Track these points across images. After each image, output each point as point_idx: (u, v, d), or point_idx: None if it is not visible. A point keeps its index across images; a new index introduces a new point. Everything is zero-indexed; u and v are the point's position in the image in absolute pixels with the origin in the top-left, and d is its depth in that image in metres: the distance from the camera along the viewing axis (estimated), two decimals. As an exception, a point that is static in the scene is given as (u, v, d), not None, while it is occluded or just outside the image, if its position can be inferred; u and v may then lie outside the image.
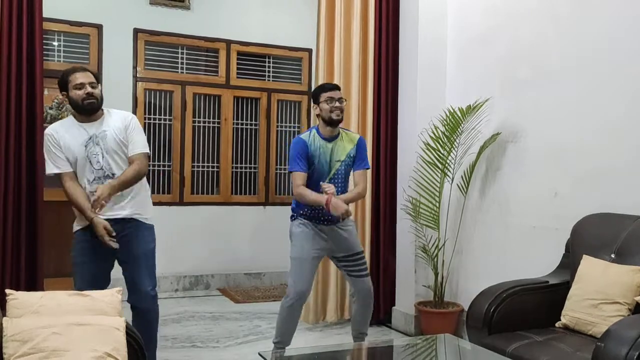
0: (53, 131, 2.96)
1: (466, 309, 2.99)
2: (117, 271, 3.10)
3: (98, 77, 3.03)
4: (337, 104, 3.21)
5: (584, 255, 2.82)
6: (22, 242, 3.52)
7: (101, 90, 2.99)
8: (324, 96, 3.23)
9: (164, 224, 5.36)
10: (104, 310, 1.98)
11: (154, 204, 3.52)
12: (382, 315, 4.29)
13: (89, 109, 2.92)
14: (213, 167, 5.73)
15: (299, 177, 3.16)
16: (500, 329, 2.70)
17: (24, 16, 3.50)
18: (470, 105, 3.66)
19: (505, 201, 3.71)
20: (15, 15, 3.47)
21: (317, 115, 3.27)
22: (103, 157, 2.94)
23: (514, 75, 3.66)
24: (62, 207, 5.09)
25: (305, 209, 3.23)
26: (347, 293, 4.31)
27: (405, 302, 4.22)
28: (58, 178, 2.98)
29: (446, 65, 4.17)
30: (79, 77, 2.90)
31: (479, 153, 3.77)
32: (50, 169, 2.96)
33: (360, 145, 3.33)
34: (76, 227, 3.02)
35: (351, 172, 3.33)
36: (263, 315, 4.56)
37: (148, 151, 3.08)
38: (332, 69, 4.21)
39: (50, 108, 5.13)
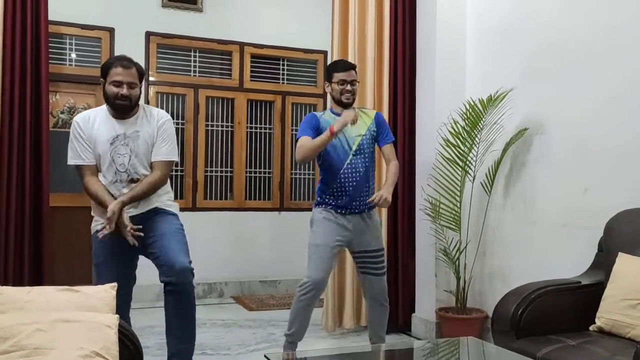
0: (81, 120, 2.80)
1: (490, 314, 2.78)
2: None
3: (143, 74, 2.86)
4: (349, 87, 3.11)
5: (620, 253, 2.60)
6: (25, 249, 3.42)
7: (140, 90, 2.81)
8: (336, 76, 3.13)
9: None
10: (96, 306, 1.83)
11: None
12: (401, 322, 4.08)
13: (118, 109, 2.77)
14: (226, 171, 5.60)
15: (302, 139, 3.02)
16: (528, 332, 2.49)
17: (28, 19, 3.43)
18: (491, 96, 3.46)
19: (531, 199, 3.50)
20: (19, 18, 3.40)
21: (330, 93, 3.20)
22: (130, 159, 2.78)
23: (538, 64, 3.46)
24: (72, 213, 5.04)
25: (332, 197, 3.12)
26: (364, 298, 4.11)
27: (425, 309, 4.00)
28: (77, 171, 2.82)
29: (465, 57, 3.99)
30: (119, 74, 2.72)
31: (504, 149, 3.57)
32: (71, 159, 2.80)
33: (379, 120, 3.22)
34: (96, 226, 2.84)
35: (377, 149, 3.24)
36: (277, 323, 4.38)
37: (173, 159, 2.89)
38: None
39: (62, 112, 5.06)
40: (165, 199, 2.91)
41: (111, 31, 5.11)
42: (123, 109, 2.76)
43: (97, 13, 5.05)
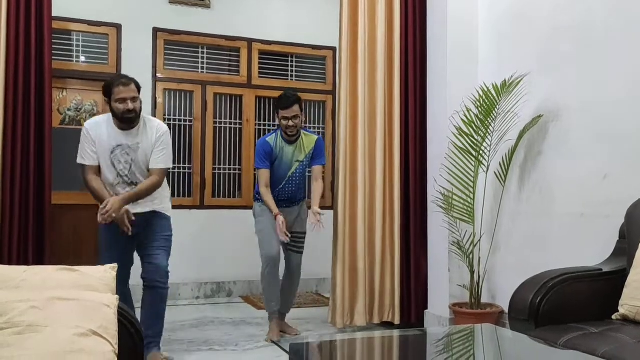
0: (90, 127, 3.17)
1: (506, 310, 2.67)
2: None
3: (140, 88, 3.20)
4: (290, 122, 3.69)
5: (643, 239, 2.48)
6: (29, 247, 3.33)
7: (141, 102, 3.18)
8: (280, 113, 3.72)
9: (184, 228, 5.19)
10: (94, 286, 1.74)
11: (174, 207, 3.52)
12: (413, 318, 3.97)
13: (127, 122, 3.13)
14: (235, 169, 5.53)
15: (263, 174, 3.76)
16: (547, 321, 2.38)
17: (32, 15, 3.36)
18: (505, 81, 3.36)
19: (548, 189, 3.39)
20: (23, 13, 3.33)
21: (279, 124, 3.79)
22: (130, 168, 3.16)
23: (555, 48, 3.36)
24: (78, 211, 4.96)
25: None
26: (377, 296, 3.99)
27: (438, 304, 3.89)
28: (81, 168, 3.20)
29: (478, 42, 3.89)
30: (122, 92, 3.08)
31: (519, 138, 3.46)
32: (79, 159, 3.19)
33: (317, 146, 3.87)
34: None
35: (309, 168, 3.94)
36: (287, 320, 4.27)
37: (168, 166, 3.29)
38: (356, 56, 3.97)
39: (69, 109, 5.02)
40: (164, 204, 3.32)
41: (118, 27, 5.08)
42: (130, 121, 3.13)
43: (104, 9, 5.02)
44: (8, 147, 3.28)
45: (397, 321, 3.94)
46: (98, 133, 3.15)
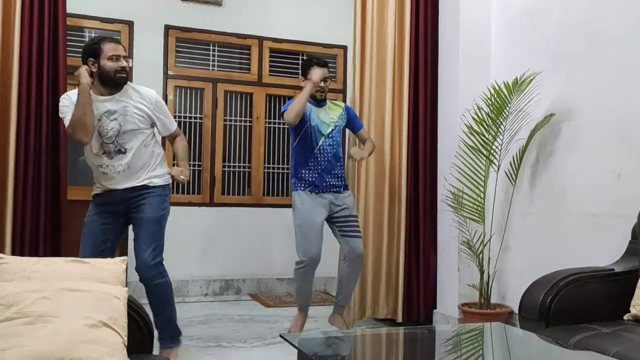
0: (71, 94, 2.92)
1: (515, 310, 2.65)
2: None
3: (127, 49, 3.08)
4: (322, 84, 3.53)
5: (656, 239, 2.46)
6: (40, 244, 3.31)
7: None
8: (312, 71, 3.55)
9: (193, 225, 5.23)
10: (105, 278, 1.75)
11: (183, 204, 3.44)
12: (422, 318, 3.95)
13: (120, 83, 2.92)
14: (244, 167, 5.53)
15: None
16: (558, 321, 2.37)
17: (45, 10, 3.37)
18: (517, 79, 3.34)
19: (559, 188, 3.36)
20: (37, 8, 3.34)
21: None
22: (119, 133, 2.92)
23: (567, 48, 3.33)
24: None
25: (308, 171, 3.52)
26: (382, 292, 3.98)
27: (447, 304, 3.87)
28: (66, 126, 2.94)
29: (490, 41, 3.87)
30: (114, 49, 2.89)
31: (530, 137, 3.44)
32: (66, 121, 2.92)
33: (349, 110, 3.75)
34: (93, 191, 3.09)
35: (353, 135, 3.81)
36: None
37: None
38: (365, 55, 3.97)
39: (80, 105, 5.03)
40: (154, 174, 3.02)
41: (130, 24, 5.09)
42: (123, 81, 2.92)
43: (116, 6, 5.04)
44: (21, 145, 3.28)
45: (399, 319, 3.93)
46: None
